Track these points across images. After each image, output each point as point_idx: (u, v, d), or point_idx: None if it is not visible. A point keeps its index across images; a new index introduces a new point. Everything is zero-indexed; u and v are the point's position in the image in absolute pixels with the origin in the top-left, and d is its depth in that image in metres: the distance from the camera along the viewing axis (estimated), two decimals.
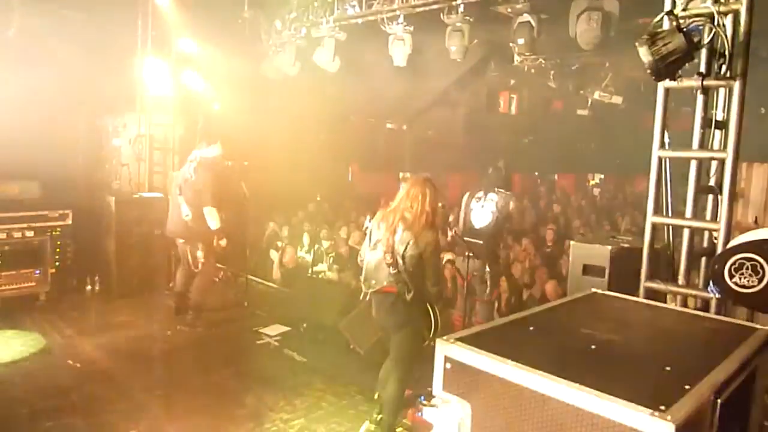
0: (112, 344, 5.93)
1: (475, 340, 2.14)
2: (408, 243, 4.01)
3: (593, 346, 2.18)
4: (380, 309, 4.24)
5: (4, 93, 6.98)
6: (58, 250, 7.29)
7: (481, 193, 5.85)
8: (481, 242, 5.62)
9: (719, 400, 1.86)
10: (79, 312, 6.88)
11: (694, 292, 3.81)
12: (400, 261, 4.02)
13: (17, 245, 6.86)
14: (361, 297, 6.73)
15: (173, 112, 8.57)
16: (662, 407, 1.66)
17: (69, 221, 7.37)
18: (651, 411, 1.64)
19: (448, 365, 2.10)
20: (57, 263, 7.27)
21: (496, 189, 5.76)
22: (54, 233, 7.24)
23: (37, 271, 7.02)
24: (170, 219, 6.48)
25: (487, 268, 5.35)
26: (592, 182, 19.64)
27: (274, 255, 8.77)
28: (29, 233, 6.99)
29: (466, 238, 5.77)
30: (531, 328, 2.36)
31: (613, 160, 18.35)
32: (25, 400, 4.61)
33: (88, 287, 7.47)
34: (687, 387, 1.82)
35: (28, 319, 6.50)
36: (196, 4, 8.53)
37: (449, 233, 6.17)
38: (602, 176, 19.81)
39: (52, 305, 6.99)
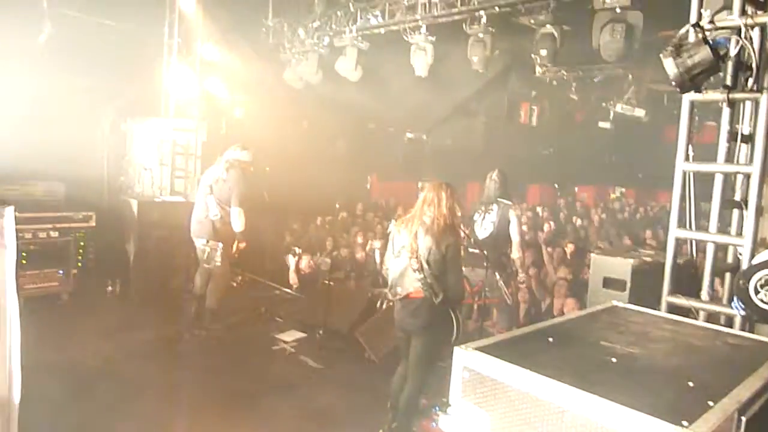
0: (130, 345, 5.98)
1: (494, 350, 2.12)
2: (432, 247, 4.06)
3: (613, 359, 2.15)
4: (404, 312, 4.26)
5: (33, 97, 7.13)
6: (80, 251, 7.40)
7: (482, 206, 5.82)
8: (485, 252, 5.62)
9: (743, 417, 1.83)
10: (100, 312, 6.96)
11: (717, 308, 3.73)
12: (425, 265, 4.06)
13: (42, 245, 6.97)
14: (377, 305, 6.78)
15: (196, 117, 8.67)
16: (685, 422, 1.64)
17: (92, 223, 7.47)
18: (674, 426, 1.61)
19: (466, 374, 2.09)
20: (79, 264, 7.38)
21: (496, 200, 5.73)
22: (77, 234, 7.35)
23: (60, 272, 7.11)
24: (194, 218, 6.53)
25: (497, 276, 5.32)
26: (613, 196, 19.42)
27: (290, 261, 8.80)
28: (54, 234, 7.10)
29: (470, 249, 5.78)
30: (550, 339, 2.34)
31: (635, 174, 18.16)
32: (46, 399, 4.66)
33: (109, 288, 7.57)
34: (710, 403, 1.79)
35: (50, 318, 6.59)
36: (221, 12, 8.66)
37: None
38: (623, 190, 19.59)
39: (73, 305, 7.09)
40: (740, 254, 3.63)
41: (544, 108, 14.38)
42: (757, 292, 2.94)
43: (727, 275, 3.91)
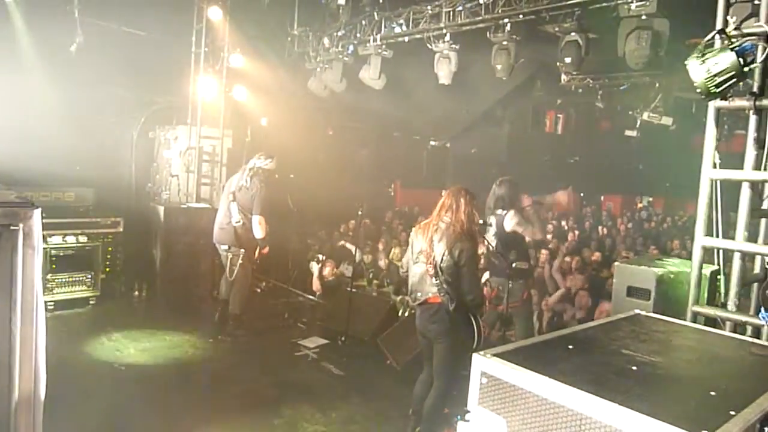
0: (155, 349, 6.09)
1: (513, 356, 2.12)
2: (444, 253, 4.06)
3: (634, 367, 2.13)
4: (423, 318, 4.28)
5: (64, 105, 7.33)
6: (108, 256, 7.56)
7: (489, 218, 5.67)
8: (496, 261, 5.56)
9: (766, 428, 1.79)
10: (126, 317, 7.09)
11: (744, 319, 3.66)
12: (440, 271, 4.06)
13: (71, 250, 7.14)
14: (400, 313, 6.77)
15: (222, 125, 8.81)
16: (705, 431, 1.61)
17: (120, 228, 7.64)
18: None
19: (484, 380, 2.09)
20: (107, 269, 7.54)
21: (496, 212, 5.60)
22: (106, 240, 7.51)
23: (89, 276, 7.26)
24: (217, 225, 6.63)
25: (510, 284, 5.26)
26: (640, 205, 19.13)
27: (314, 267, 8.85)
28: (83, 239, 7.26)
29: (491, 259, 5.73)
30: (570, 347, 2.32)
31: (662, 183, 17.88)
32: (71, 399, 4.76)
33: (136, 293, 7.72)
34: (732, 413, 1.76)
35: (78, 322, 6.73)
36: (247, 22, 8.81)
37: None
38: (650, 199, 19.29)
39: (101, 309, 7.23)
40: None
41: (569, 116, 14.29)
42: None
43: (755, 285, 3.83)
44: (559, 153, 15.90)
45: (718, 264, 4.08)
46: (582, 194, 18.53)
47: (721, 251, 3.97)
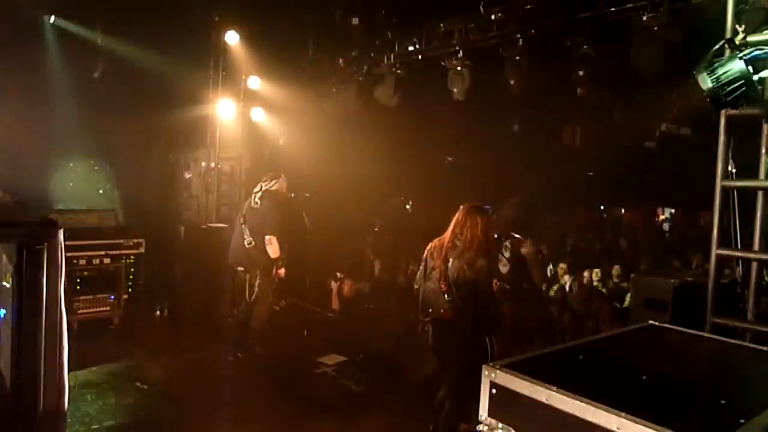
0: (176, 368, 6.16)
1: (522, 367, 2.13)
2: (459, 271, 4.05)
3: (644, 377, 2.13)
4: (437, 336, 4.28)
5: (88, 129, 7.53)
6: (131, 276, 7.69)
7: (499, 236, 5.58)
8: (508, 287, 5.52)
9: None
10: (148, 336, 7.20)
11: (764, 329, 3.62)
12: (453, 288, 4.06)
13: (95, 272, 7.27)
14: (419, 329, 6.78)
15: (241, 146, 8.96)
16: None
17: (142, 249, 7.76)
18: None
19: (494, 390, 2.10)
20: (130, 289, 7.66)
21: (511, 234, 5.51)
22: (128, 261, 7.64)
23: (112, 297, 7.37)
24: (232, 248, 6.72)
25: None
26: (662, 217, 18.89)
27: (333, 285, 8.90)
28: (106, 260, 7.40)
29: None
30: (580, 357, 2.33)
31: (683, 194, 17.64)
32: (96, 417, 4.84)
33: (158, 313, 7.83)
34: (741, 421, 1.75)
35: (102, 342, 6.85)
36: (263, 45, 8.99)
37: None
38: (672, 210, 19.04)
39: (123, 329, 7.34)
40: None
41: (586, 129, 14.21)
42: None
43: None
44: (577, 166, 15.79)
45: (737, 274, 4.04)
46: (602, 207, 18.40)
47: (740, 261, 3.94)
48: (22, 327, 1.77)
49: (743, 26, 3.65)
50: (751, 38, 3.54)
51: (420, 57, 8.33)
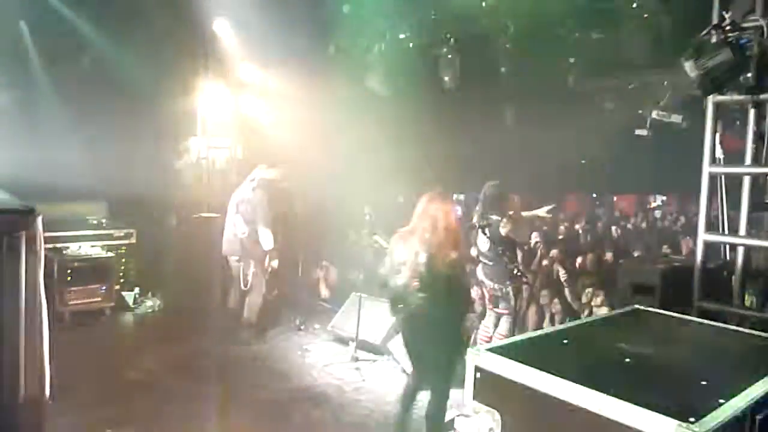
0: (168, 358, 6.15)
1: (506, 351, 2.15)
2: (432, 264, 3.84)
3: (627, 360, 2.15)
4: (411, 331, 4.13)
5: (75, 119, 7.47)
6: (122, 267, 7.67)
7: (480, 221, 5.55)
8: (491, 264, 5.55)
9: (758, 417, 1.81)
10: (139, 327, 7.20)
11: (749, 313, 3.66)
12: (426, 283, 3.85)
13: (86, 262, 7.26)
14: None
15: (232, 135, 8.92)
16: (692, 419, 1.64)
17: (133, 240, 7.76)
18: (679, 422, 1.62)
19: (479, 374, 2.12)
20: (121, 280, 7.65)
21: (490, 217, 5.47)
22: (119, 251, 7.63)
23: (103, 287, 7.34)
24: (225, 238, 6.72)
25: (509, 288, 5.24)
26: (653, 204, 18.97)
27: (319, 273, 8.90)
28: (97, 251, 7.39)
29: (481, 260, 5.70)
30: (565, 341, 2.35)
31: (674, 181, 17.72)
32: (87, 408, 4.84)
33: (149, 302, 7.81)
34: (721, 401, 1.78)
35: (93, 332, 6.84)
36: (254, 33, 8.91)
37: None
38: (664, 198, 19.14)
39: (115, 319, 7.34)
40: None
41: (578, 116, 14.21)
42: None
43: (761, 279, 3.82)
44: (570, 153, 15.82)
45: (724, 258, 4.08)
46: (594, 194, 18.45)
47: (726, 246, 3.98)
48: (0, 316, 1.76)
49: (729, 13, 3.65)
50: (738, 24, 3.54)
51: (411, 45, 8.30)
